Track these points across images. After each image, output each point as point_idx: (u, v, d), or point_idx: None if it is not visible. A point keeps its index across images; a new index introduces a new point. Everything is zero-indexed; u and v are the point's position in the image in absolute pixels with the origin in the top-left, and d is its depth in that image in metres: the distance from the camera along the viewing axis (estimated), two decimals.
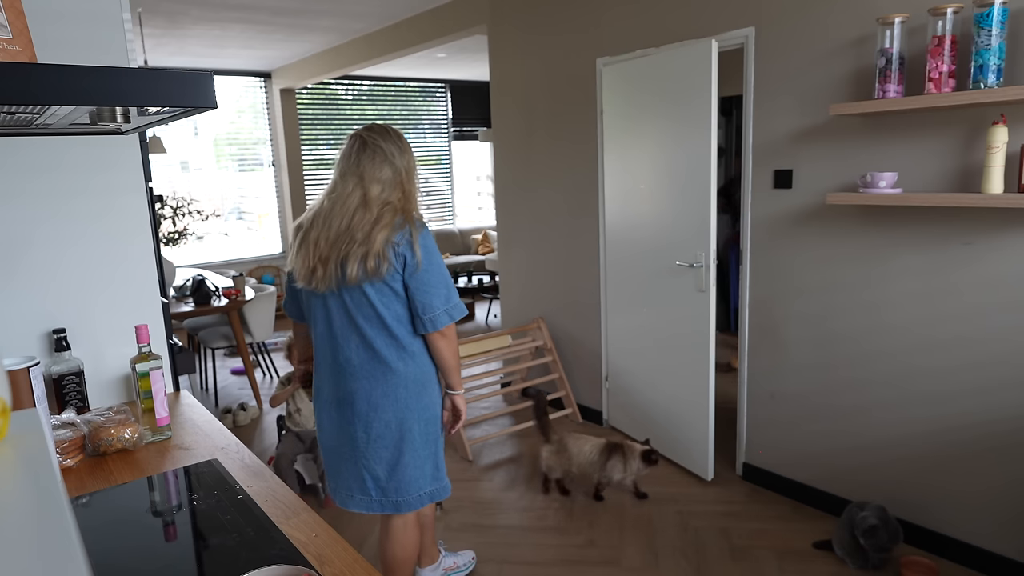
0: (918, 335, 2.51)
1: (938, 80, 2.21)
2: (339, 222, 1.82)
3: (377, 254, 1.78)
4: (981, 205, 2.13)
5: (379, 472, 1.94)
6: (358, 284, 1.81)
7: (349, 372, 1.89)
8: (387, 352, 1.87)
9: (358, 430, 1.91)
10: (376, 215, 1.81)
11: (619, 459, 2.99)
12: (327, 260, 1.82)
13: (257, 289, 4.85)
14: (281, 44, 5.99)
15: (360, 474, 1.95)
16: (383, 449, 1.91)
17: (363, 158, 1.85)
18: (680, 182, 3.16)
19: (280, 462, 3.12)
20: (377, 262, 1.78)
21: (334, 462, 2.00)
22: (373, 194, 1.83)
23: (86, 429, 1.48)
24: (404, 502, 1.97)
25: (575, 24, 3.69)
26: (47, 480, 0.62)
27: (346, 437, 1.94)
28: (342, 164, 1.89)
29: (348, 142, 1.91)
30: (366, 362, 1.88)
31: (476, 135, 8.75)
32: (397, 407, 1.90)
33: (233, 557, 1.08)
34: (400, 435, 1.92)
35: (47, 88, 0.83)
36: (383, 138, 1.88)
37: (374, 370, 1.88)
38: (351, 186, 1.84)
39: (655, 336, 3.44)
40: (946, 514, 2.53)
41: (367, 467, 1.93)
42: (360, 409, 1.90)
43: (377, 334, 1.86)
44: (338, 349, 1.89)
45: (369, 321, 1.85)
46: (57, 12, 1.60)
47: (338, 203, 1.84)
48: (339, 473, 1.99)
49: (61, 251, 1.71)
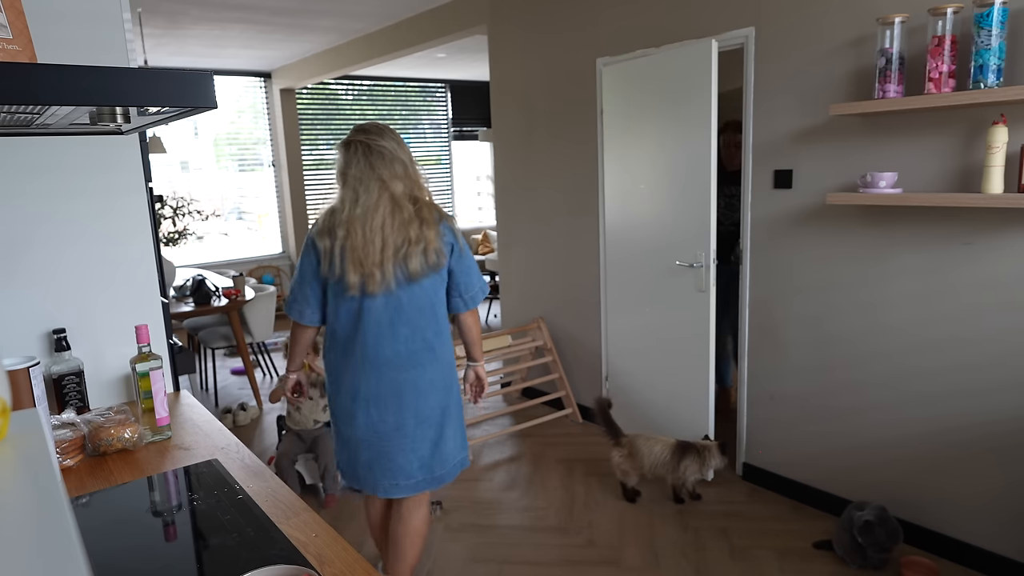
0: (917, 336, 2.51)
1: (938, 80, 2.21)
2: (382, 227, 1.90)
3: (436, 249, 1.94)
4: (981, 205, 2.13)
5: (424, 452, 2.04)
6: (419, 279, 1.94)
7: (397, 364, 1.97)
8: (433, 338, 2.01)
9: (407, 418, 1.99)
10: (414, 212, 1.93)
11: (694, 458, 2.93)
12: (383, 263, 1.90)
13: (257, 289, 4.85)
14: (281, 44, 5.99)
15: (407, 459, 2.02)
16: (429, 429, 2.03)
17: (375, 162, 1.92)
18: (680, 182, 3.16)
19: (280, 462, 3.12)
20: (437, 256, 1.94)
21: (373, 455, 2.04)
22: (399, 192, 1.92)
23: (86, 429, 1.48)
24: (444, 474, 2.09)
25: (575, 24, 3.68)
26: (47, 480, 0.62)
27: (391, 427, 2.00)
28: (355, 172, 1.93)
29: (349, 150, 1.95)
30: (415, 352, 1.98)
31: (476, 135, 8.75)
32: (441, 388, 2.04)
33: (233, 557, 1.08)
34: (442, 413, 2.06)
35: (47, 88, 0.83)
36: (381, 137, 1.95)
37: (422, 358, 1.99)
38: (376, 191, 1.91)
39: (655, 336, 3.44)
40: (946, 514, 2.53)
41: (414, 450, 2.02)
42: (409, 398, 1.99)
43: (428, 323, 1.99)
44: (384, 344, 1.96)
45: (422, 312, 1.97)
46: (57, 12, 1.60)
47: (371, 210, 1.90)
48: (381, 464, 2.04)
49: (61, 251, 1.71)
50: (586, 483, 3.27)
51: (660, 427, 3.47)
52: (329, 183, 7.84)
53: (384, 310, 1.94)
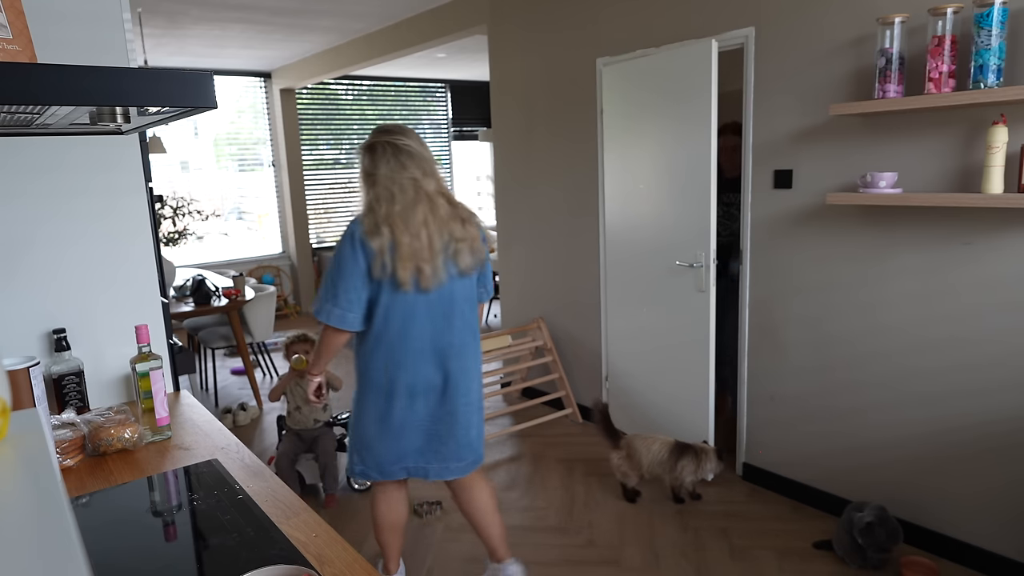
0: (917, 336, 2.51)
1: (938, 80, 2.21)
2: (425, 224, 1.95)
3: (479, 246, 2.06)
4: (981, 205, 2.13)
5: (472, 433, 2.17)
6: (468, 274, 2.05)
7: (451, 354, 2.06)
8: (475, 326, 2.14)
9: (459, 404, 2.10)
10: (452, 209, 2.01)
11: (691, 459, 2.94)
12: (432, 259, 1.96)
13: (257, 289, 4.85)
14: (281, 44, 5.99)
15: (457, 443, 2.13)
16: (474, 412, 2.16)
17: (405, 161, 1.97)
18: (680, 182, 3.16)
19: (280, 462, 3.12)
20: (480, 251, 2.06)
21: (425, 441, 2.11)
22: (432, 190, 1.99)
23: (86, 429, 1.48)
24: (482, 451, 2.24)
25: (575, 24, 3.69)
26: (47, 480, 0.62)
27: (445, 413, 2.09)
28: (386, 171, 1.95)
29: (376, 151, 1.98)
30: (466, 341, 2.10)
31: (476, 135, 8.75)
32: (480, 372, 2.19)
33: (233, 557, 1.08)
34: (479, 398, 2.20)
35: (47, 88, 0.83)
36: (405, 136, 2.01)
37: (469, 345, 2.11)
38: (411, 189, 1.96)
39: (655, 336, 3.44)
40: (946, 514, 2.53)
41: (465, 433, 2.14)
42: (463, 385, 2.10)
43: (472, 313, 2.12)
44: (440, 336, 2.04)
45: (468, 302, 2.09)
46: (58, 12, 1.60)
47: (409, 207, 1.94)
48: (434, 448, 2.12)
49: (61, 251, 1.71)
50: (586, 483, 3.27)
51: (660, 428, 3.46)
52: (329, 183, 7.84)
53: (439, 304, 2.02)
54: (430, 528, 2.90)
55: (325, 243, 7.95)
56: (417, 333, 2.02)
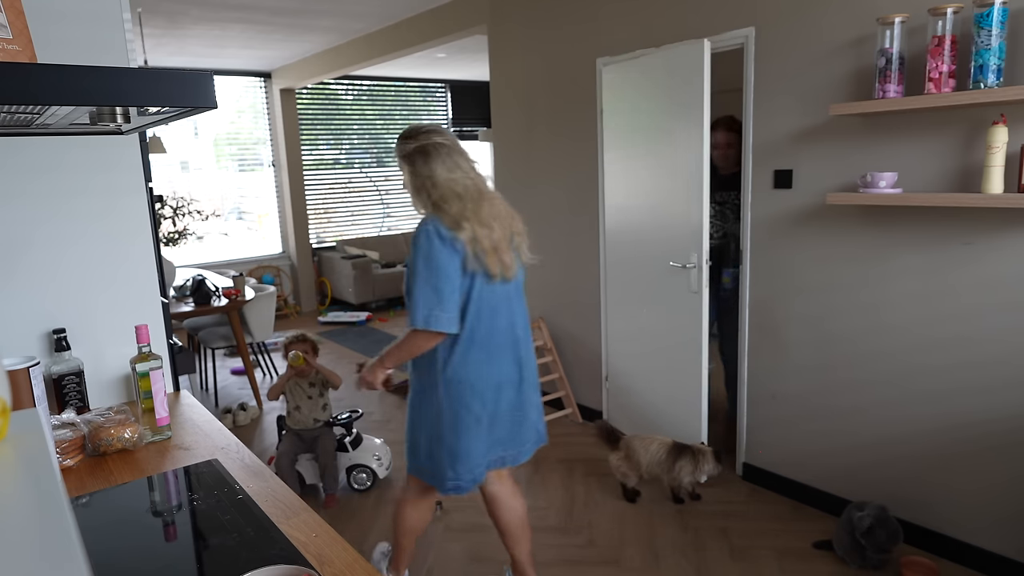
0: (919, 334, 2.51)
1: (938, 80, 2.21)
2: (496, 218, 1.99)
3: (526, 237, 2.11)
4: (981, 205, 2.13)
5: (538, 416, 2.22)
6: (525, 265, 2.12)
7: (524, 341, 2.13)
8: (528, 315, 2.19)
9: (530, 388, 2.16)
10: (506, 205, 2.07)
11: (689, 460, 2.94)
12: (509, 251, 2.02)
13: (257, 289, 4.85)
14: (281, 44, 5.99)
15: (530, 425, 2.18)
16: (537, 393, 2.22)
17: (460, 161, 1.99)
18: (675, 183, 3.16)
19: (280, 462, 3.12)
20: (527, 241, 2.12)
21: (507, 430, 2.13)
22: (487, 187, 2.05)
23: (86, 429, 1.48)
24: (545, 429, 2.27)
25: (575, 23, 3.69)
26: (47, 480, 0.62)
27: (524, 398, 2.14)
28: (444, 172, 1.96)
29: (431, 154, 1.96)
30: (528, 329, 2.16)
31: (476, 135, 8.75)
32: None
33: (233, 557, 1.08)
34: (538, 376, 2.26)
35: (47, 88, 0.83)
36: (437, 136, 2.01)
37: (529, 333, 2.17)
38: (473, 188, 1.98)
39: (653, 337, 3.44)
40: (946, 514, 2.53)
41: (537, 414, 2.20)
42: (532, 368, 2.16)
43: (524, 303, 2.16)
44: (517, 325, 2.09)
45: (521, 293, 2.13)
46: (57, 12, 1.60)
47: (477, 204, 1.96)
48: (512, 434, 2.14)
49: (61, 251, 1.71)
50: (586, 483, 3.27)
51: (659, 429, 3.47)
52: (329, 183, 7.85)
53: (516, 293, 2.09)
54: (430, 528, 2.90)
55: (325, 243, 7.95)
56: (501, 326, 2.04)
